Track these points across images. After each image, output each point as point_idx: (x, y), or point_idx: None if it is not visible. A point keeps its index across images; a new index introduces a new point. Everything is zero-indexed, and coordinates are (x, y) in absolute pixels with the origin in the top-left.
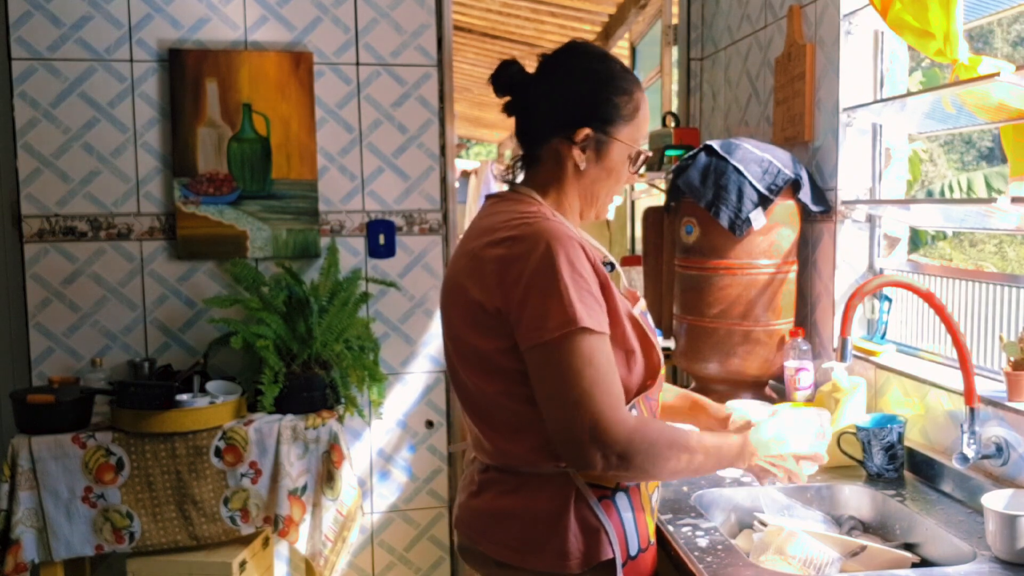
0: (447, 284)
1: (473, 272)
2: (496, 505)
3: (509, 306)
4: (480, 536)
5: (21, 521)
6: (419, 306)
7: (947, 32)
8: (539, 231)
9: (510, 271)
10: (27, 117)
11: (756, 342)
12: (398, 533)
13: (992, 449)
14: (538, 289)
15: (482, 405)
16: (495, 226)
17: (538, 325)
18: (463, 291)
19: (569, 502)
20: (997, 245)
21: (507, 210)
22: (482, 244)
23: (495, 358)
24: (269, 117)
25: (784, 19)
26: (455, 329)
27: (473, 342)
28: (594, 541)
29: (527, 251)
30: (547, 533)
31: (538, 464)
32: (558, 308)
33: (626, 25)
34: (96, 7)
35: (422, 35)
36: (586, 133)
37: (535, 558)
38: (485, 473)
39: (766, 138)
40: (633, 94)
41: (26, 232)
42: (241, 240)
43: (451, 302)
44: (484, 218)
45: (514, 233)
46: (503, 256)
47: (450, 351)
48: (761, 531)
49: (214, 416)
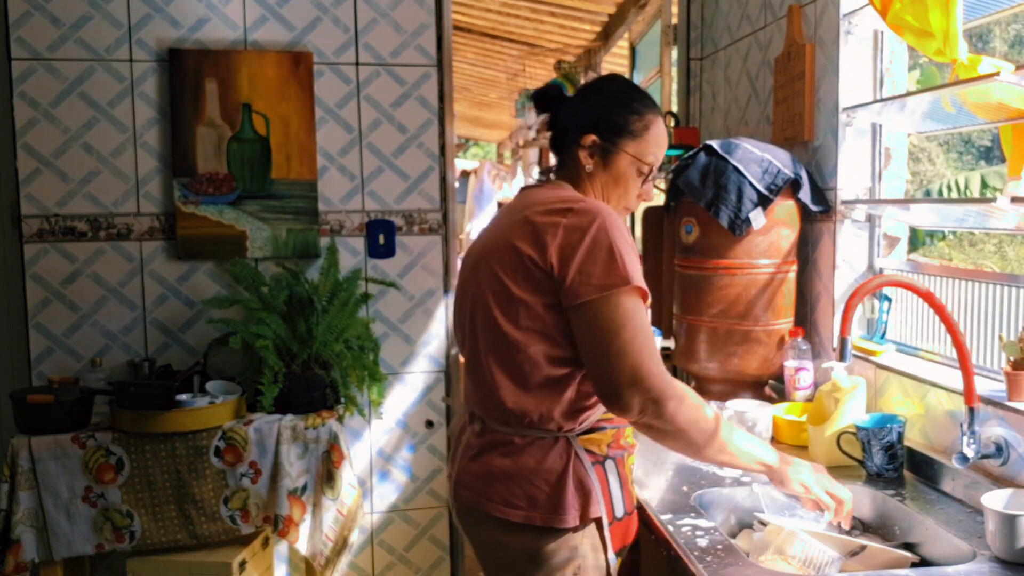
0: (491, 244)
1: (527, 234)
2: (499, 465)
3: (563, 267)
4: (481, 496)
5: (21, 521)
6: (419, 306)
7: (947, 32)
8: (595, 207)
9: (570, 236)
10: (27, 117)
11: (756, 342)
12: (398, 533)
13: (992, 449)
14: (595, 253)
15: (511, 360)
16: (547, 200)
17: (592, 283)
18: (514, 249)
19: (569, 463)
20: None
21: (553, 192)
22: (537, 212)
23: (539, 312)
24: (269, 117)
25: (784, 19)
26: (500, 283)
27: (520, 296)
28: (587, 500)
29: (586, 222)
30: (549, 490)
31: (544, 425)
32: (612, 269)
33: (626, 25)
34: (96, 7)
35: (422, 35)
36: (592, 139)
37: (537, 513)
38: (483, 436)
39: (766, 138)
40: (644, 115)
41: (26, 232)
42: (241, 240)
43: (497, 259)
44: (529, 196)
45: (573, 206)
46: (562, 223)
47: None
48: (761, 531)
49: (214, 416)
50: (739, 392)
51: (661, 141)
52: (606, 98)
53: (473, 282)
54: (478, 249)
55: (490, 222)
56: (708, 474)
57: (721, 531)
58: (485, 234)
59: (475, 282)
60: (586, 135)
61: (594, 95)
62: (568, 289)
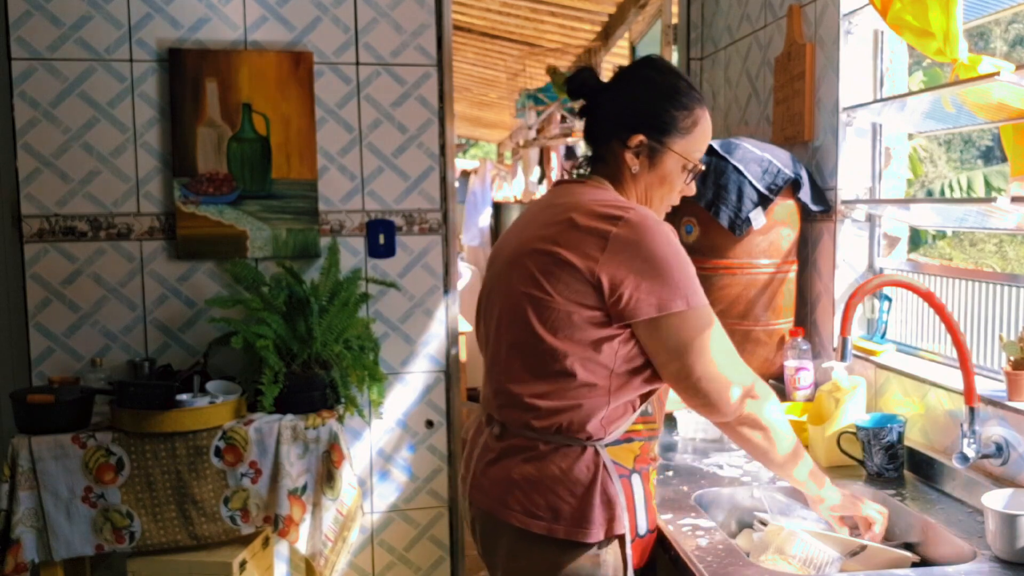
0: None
1: (567, 240)
2: (520, 472)
3: (614, 281)
4: (499, 504)
5: (21, 521)
6: (419, 306)
7: (947, 32)
8: (646, 216)
9: (623, 250)
10: (27, 117)
11: (756, 342)
12: (398, 533)
13: (992, 449)
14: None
15: (547, 365)
16: (591, 203)
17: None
18: (550, 255)
19: (597, 474)
20: (997, 245)
21: (596, 193)
22: (581, 215)
23: (577, 320)
24: (269, 117)
25: (784, 19)
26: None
27: (557, 300)
28: (612, 515)
29: (638, 233)
30: (574, 502)
31: (571, 433)
32: (671, 285)
33: (626, 25)
34: (96, 7)
35: (422, 35)
36: (640, 139)
37: (560, 525)
38: (503, 440)
39: (766, 138)
40: (693, 110)
41: (26, 232)
42: (241, 240)
43: (530, 265)
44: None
45: (621, 214)
46: (612, 233)
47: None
48: (761, 531)
49: (214, 416)
50: None
51: (708, 135)
52: (653, 92)
53: (506, 281)
54: (512, 247)
55: (522, 218)
56: (708, 474)
57: (721, 531)
58: (518, 231)
59: (508, 282)
60: (633, 135)
61: (640, 87)
62: (624, 307)
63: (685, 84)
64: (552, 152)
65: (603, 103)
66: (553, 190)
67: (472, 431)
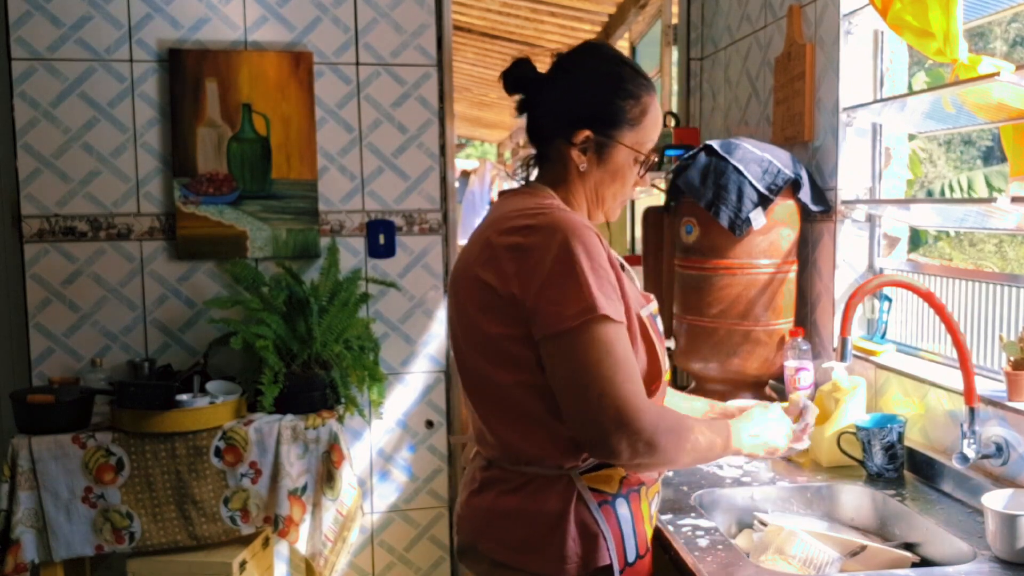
0: (457, 273)
1: (487, 260)
2: (498, 504)
3: (526, 294)
4: (479, 535)
5: (21, 521)
6: (419, 306)
7: (947, 32)
8: (556, 220)
9: (527, 259)
10: (27, 117)
11: (756, 342)
12: (398, 533)
13: (992, 449)
14: (557, 278)
15: (492, 396)
16: (508, 215)
17: (557, 313)
18: (476, 278)
19: (570, 505)
20: (997, 245)
21: (518, 203)
22: (496, 232)
23: (508, 346)
24: (269, 117)
25: (784, 19)
26: (467, 317)
27: (486, 329)
28: (592, 546)
29: (545, 240)
30: (547, 535)
31: (542, 462)
32: (577, 296)
33: (626, 25)
34: (96, 7)
35: (422, 35)
36: (585, 135)
37: (532, 559)
38: (487, 471)
39: (766, 138)
40: (640, 98)
41: (26, 232)
42: (241, 240)
43: (462, 289)
44: (496, 210)
45: (530, 222)
46: (520, 244)
47: (460, 341)
48: (761, 531)
49: (214, 416)
50: (739, 392)
51: (658, 123)
52: (595, 82)
53: (451, 308)
54: (456, 269)
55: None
56: (708, 474)
57: (721, 531)
58: (464, 251)
59: (452, 310)
60: (577, 131)
61: (580, 77)
62: (535, 320)
63: (630, 70)
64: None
65: (543, 97)
66: (494, 204)
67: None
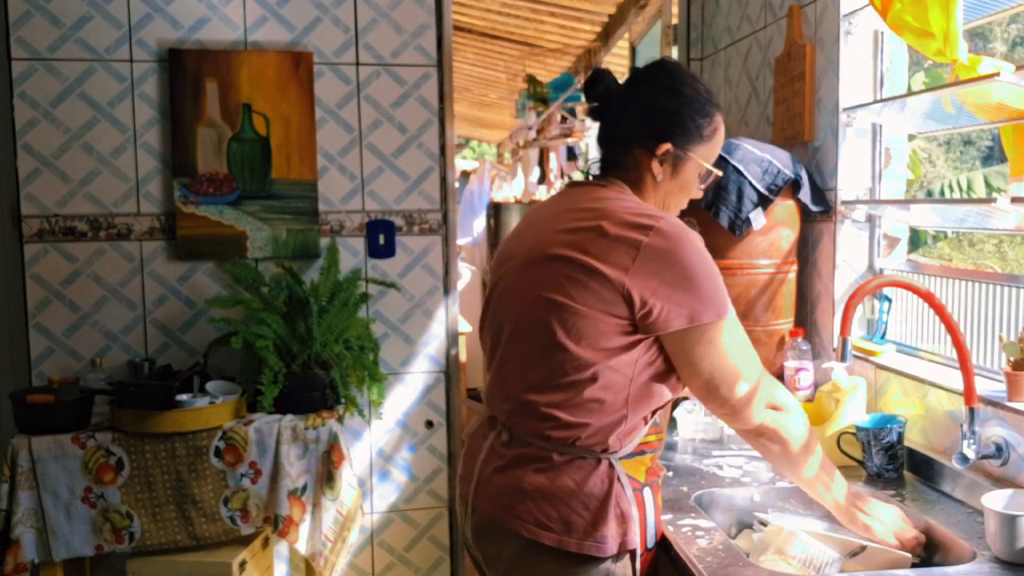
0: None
1: (599, 248)
2: (532, 482)
3: (645, 292)
4: (508, 513)
5: (21, 521)
6: (419, 306)
7: (947, 32)
8: (677, 225)
9: (653, 261)
10: (27, 117)
11: (756, 342)
12: (398, 533)
13: (992, 449)
14: (684, 281)
15: (567, 374)
16: (619, 211)
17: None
18: (574, 263)
19: (612, 488)
20: (996, 245)
21: (622, 199)
22: (611, 223)
23: (604, 330)
24: (269, 117)
25: (784, 19)
26: (559, 296)
27: (586, 311)
28: (626, 529)
29: (670, 243)
30: (588, 515)
31: (588, 445)
32: (703, 297)
33: (626, 25)
34: (96, 7)
35: (422, 35)
36: (667, 148)
37: (572, 539)
38: (512, 447)
39: (766, 138)
40: (714, 117)
41: (26, 232)
42: (241, 240)
43: (553, 272)
44: (587, 201)
45: (652, 223)
46: (643, 243)
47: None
48: (761, 531)
49: (214, 416)
50: None
51: (723, 140)
52: (679, 100)
53: (523, 285)
54: (528, 248)
55: (536, 217)
56: (708, 474)
57: (721, 531)
58: (535, 232)
59: (526, 286)
60: (660, 144)
61: (664, 94)
62: (654, 320)
63: (705, 90)
64: (552, 153)
65: (624, 108)
66: (570, 191)
67: (473, 431)
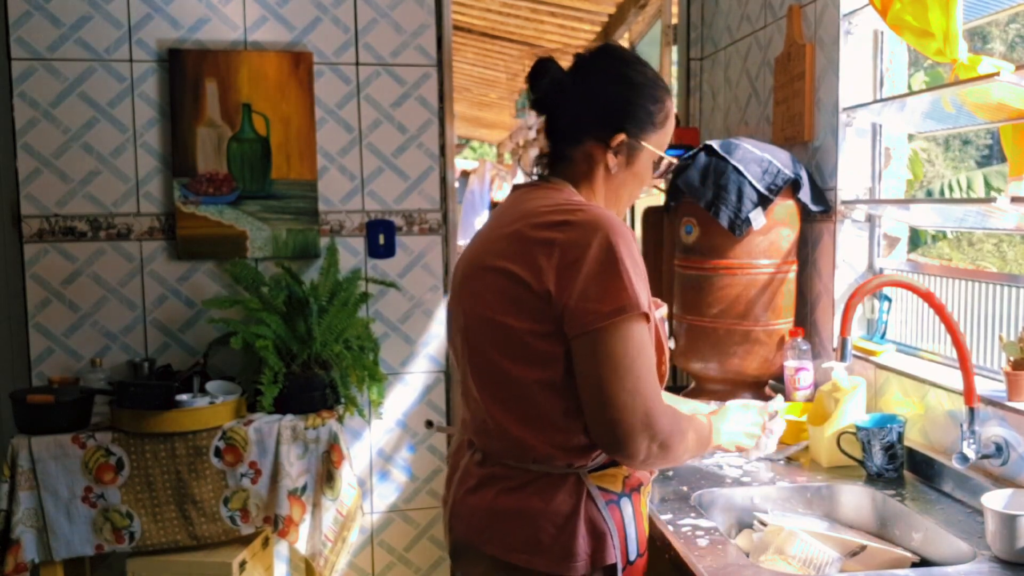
0: (471, 266)
1: (517, 253)
2: (499, 503)
3: (562, 290)
4: (478, 535)
5: (21, 521)
6: (419, 306)
7: (947, 32)
8: (596, 218)
9: (567, 255)
10: (27, 117)
11: (756, 342)
12: (398, 533)
13: (992, 449)
14: (600, 275)
15: (507, 392)
16: (539, 210)
17: (596, 310)
18: (502, 271)
19: (580, 504)
20: (996, 245)
21: (547, 197)
22: (528, 226)
23: (533, 342)
24: (269, 117)
25: (784, 19)
26: (486, 310)
27: (510, 323)
28: (600, 545)
29: (586, 237)
30: (556, 533)
31: (551, 461)
32: (619, 293)
33: (626, 25)
34: (96, 7)
35: (422, 35)
36: (621, 139)
37: (540, 559)
38: (484, 467)
39: (766, 138)
40: (665, 102)
41: (26, 232)
42: (241, 240)
43: (480, 282)
44: (520, 203)
45: (568, 218)
46: (558, 240)
47: (472, 334)
48: (761, 531)
49: (214, 416)
50: (739, 392)
51: (674, 125)
52: (628, 87)
53: (463, 300)
54: (468, 260)
55: (483, 227)
56: (708, 474)
57: (721, 531)
58: (476, 243)
59: (464, 301)
60: (614, 134)
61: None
62: (570, 317)
63: (653, 74)
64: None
65: (570, 99)
66: (510, 197)
67: (454, 451)
